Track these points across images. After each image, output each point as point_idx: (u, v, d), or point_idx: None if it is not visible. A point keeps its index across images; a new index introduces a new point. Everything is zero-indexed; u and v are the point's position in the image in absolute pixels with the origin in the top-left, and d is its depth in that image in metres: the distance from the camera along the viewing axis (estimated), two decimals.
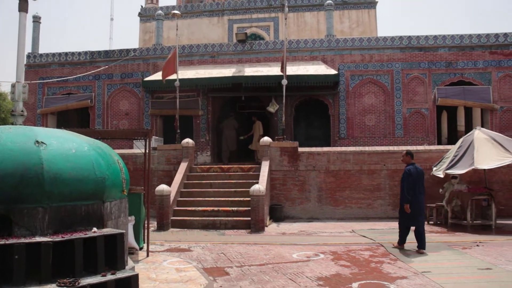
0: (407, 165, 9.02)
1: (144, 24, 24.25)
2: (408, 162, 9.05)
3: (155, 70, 18.97)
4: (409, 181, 8.69)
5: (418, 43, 17.78)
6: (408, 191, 8.61)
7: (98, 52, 19.80)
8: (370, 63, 17.94)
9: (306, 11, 22.54)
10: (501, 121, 17.16)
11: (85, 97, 19.42)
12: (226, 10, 22.88)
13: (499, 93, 17.22)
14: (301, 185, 14.28)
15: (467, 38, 17.60)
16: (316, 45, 18.38)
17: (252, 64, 18.43)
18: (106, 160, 5.50)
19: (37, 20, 20.18)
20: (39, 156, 4.71)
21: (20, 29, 5.11)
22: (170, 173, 14.82)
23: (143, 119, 18.97)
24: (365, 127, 17.78)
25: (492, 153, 11.29)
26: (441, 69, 17.57)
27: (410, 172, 8.76)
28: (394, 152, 14.25)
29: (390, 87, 17.71)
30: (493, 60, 17.41)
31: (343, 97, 17.85)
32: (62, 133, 5.53)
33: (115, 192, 5.61)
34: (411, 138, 17.38)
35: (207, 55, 19.04)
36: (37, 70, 19.98)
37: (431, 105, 17.49)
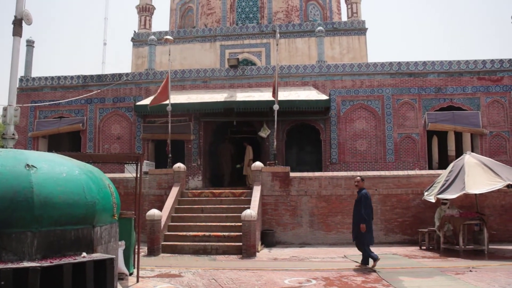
0: (360, 189, 9.96)
1: (137, 49, 24.40)
2: (362, 187, 10.02)
3: (147, 94, 19.01)
4: (368, 204, 9.68)
5: (407, 69, 18.04)
6: (367, 212, 9.52)
7: (90, 76, 19.85)
8: (361, 88, 18.12)
9: (297, 37, 22.83)
10: (491, 146, 17.31)
11: (77, 120, 19.35)
12: (218, 36, 23.12)
13: (488, 118, 17.43)
14: (292, 210, 14.21)
15: (455, 64, 17.90)
16: (307, 70, 18.57)
17: (244, 89, 18.54)
18: (97, 184, 5.45)
19: (30, 44, 20.26)
20: (29, 179, 4.66)
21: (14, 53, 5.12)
22: (161, 197, 14.71)
23: (135, 143, 18.91)
24: (356, 152, 17.84)
25: (483, 177, 11.36)
26: (431, 94, 17.79)
27: (368, 196, 9.81)
28: (386, 177, 14.29)
29: (380, 112, 17.87)
30: (481, 85, 17.67)
31: (334, 122, 17.95)
32: (53, 157, 5.50)
33: (105, 217, 5.55)
34: (402, 163, 17.45)
35: (199, 80, 19.14)
36: (29, 94, 19.94)
37: (422, 130, 17.64)
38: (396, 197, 14.09)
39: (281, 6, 24.21)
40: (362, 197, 9.66)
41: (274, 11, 24.10)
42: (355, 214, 9.82)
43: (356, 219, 9.77)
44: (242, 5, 24.63)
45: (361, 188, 9.95)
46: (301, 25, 23.02)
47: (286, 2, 24.25)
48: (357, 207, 9.79)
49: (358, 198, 9.83)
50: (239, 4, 24.67)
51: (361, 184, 10.05)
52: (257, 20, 24.26)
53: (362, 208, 9.54)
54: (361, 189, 9.92)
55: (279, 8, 24.18)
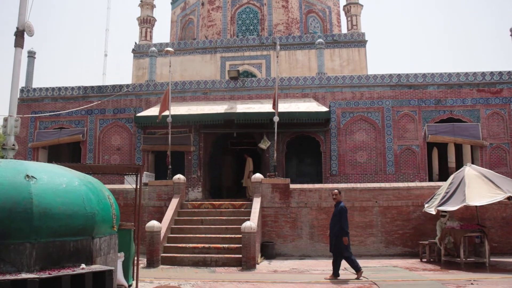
0: (338, 202, 10.06)
1: (137, 60, 24.51)
2: (339, 200, 10.09)
3: (148, 106, 19.06)
4: (346, 216, 9.80)
5: (407, 81, 18.10)
6: (346, 225, 9.67)
7: (91, 87, 19.91)
8: (361, 100, 18.16)
9: (297, 49, 22.93)
10: (491, 158, 17.30)
11: (77, 131, 19.38)
12: (218, 48, 23.23)
13: (488, 130, 17.45)
14: (292, 222, 14.16)
15: (455, 76, 17.96)
16: (307, 82, 18.63)
17: (244, 101, 18.58)
18: (96, 195, 5.43)
19: (32, 55, 20.36)
20: (29, 190, 4.64)
21: (15, 64, 5.13)
22: (161, 209, 14.66)
23: (135, 154, 18.91)
24: (356, 164, 17.83)
25: (483, 189, 11.34)
26: (431, 106, 17.83)
27: (346, 208, 9.89)
28: (386, 189, 14.26)
29: (380, 124, 17.89)
30: (481, 97, 17.72)
31: (334, 134, 17.96)
32: (53, 168, 5.48)
33: (105, 228, 5.52)
34: (402, 174, 17.43)
35: (199, 91, 19.20)
36: (30, 104, 19.99)
37: (422, 142, 17.65)
38: (397, 209, 14.05)
39: (281, 18, 24.37)
40: (341, 210, 9.79)
41: (275, 23, 24.25)
42: (333, 227, 9.93)
43: (334, 232, 9.88)
44: (243, 17, 24.79)
45: (339, 201, 10.06)
46: (301, 37, 23.13)
47: (286, 14, 24.41)
48: (334, 220, 9.92)
49: (337, 211, 9.93)
50: (240, 16, 24.83)
51: (339, 197, 10.15)
52: (258, 32, 24.39)
53: (342, 221, 9.67)
54: (339, 202, 10.03)
55: (280, 20, 24.33)
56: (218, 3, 24.85)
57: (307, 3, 25.63)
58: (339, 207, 9.86)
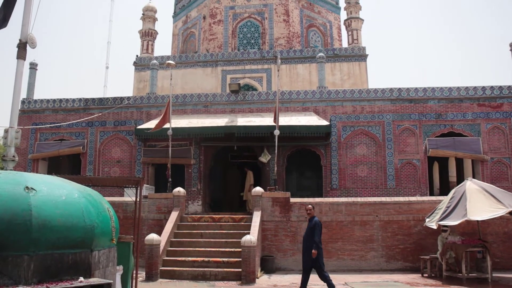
0: (312, 217, 10.11)
1: (138, 73, 24.59)
2: (313, 215, 10.19)
3: (148, 118, 19.08)
4: (320, 231, 9.85)
5: (408, 95, 18.13)
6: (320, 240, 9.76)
7: (92, 99, 19.95)
8: (362, 114, 18.18)
9: (298, 63, 23.02)
10: (492, 172, 17.25)
11: (77, 143, 19.36)
12: (219, 61, 23.31)
13: (489, 144, 17.43)
14: (293, 236, 14.07)
15: (455, 91, 18.00)
16: (308, 96, 18.66)
17: (245, 114, 18.59)
18: (96, 207, 5.40)
19: (33, 67, 20.41)
20: (28, 202, 4.61)
21: (17, 76, 5.12)
22: (160, 222, 14.59)
23: (135, 167, 18.87)
24: (357, 178, 17.78)
25: (485, 204, 11.28)
26: (431, 120, 17.83)
27: (320, 223, 9.99)
28: (387, 203, 14.20)
29: (381, 138, 17.88)
30: (481, 112, 17.73)
31: (335, 148, 17.94)
32: (53, 179, 5.45)
33: (104, 241, 5.47)
34: (403, 189, 17.37)
35: (200, 104, 19.23)
36: (30, 116, 20.00)
37: (422, 156, 17.62)
38: (397, 224, 13.98)
39: (282, 32, 24.50)
40: (316, 224, 9.91)
41: (276, 37, 24.38)
42: (307, 241, 9.98)
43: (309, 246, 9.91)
44: (244, 31, 24.94)
45: (313, 216, 10.16)
46: (302, 51, 23.23)
47: (287, 28, 24.55)
48: (308, 234, 10.00)
49: (311, 225, 10.00)
50: (241, 30, 24.98)
51: (312, 212, 10.27)
52: (259, 46, 24.51)
53: (316, 235, 9.77)
54: (313, 217, 10.13)
55: (281, 34, 24.46)
56: (219, 17, 25.02)
57: (308, 18, 25.80)
58: (313, 221, 9.99)
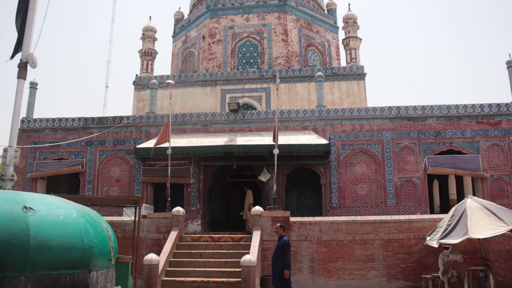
0: (281, 236, 10.19)
1: (138, 92, 24.68)
2: (281, 234, 10.22)
3: (148, 137, 19.08)
4: (289, 250, 9.88)
5: (407, 113, 18.18)
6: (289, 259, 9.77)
7: (91, 119, 19.97)
8: (361, 132, 18.20)
9: (297, 82, 23.13)
10: (492, 190, 17.20)
11: (76, 162, 19.32)
12: (219, 81, 23.43)
13: (488, 162, 17.40)
14: (293, 255, 13.83)
15: (454, 108, 18.05)
16: (307, 115, 18.70)
17: (244, 133, 18.61)
18: (94, 227, 5.37)
19: (34, 86, 20.45)
20: (26, 222, 4.59)
21: (17, 96, 5.12)
22: (159, 241, 14.46)
23: (134, 186, 18.80)
24: (357, 197, 17.71)
25: (486, 222, 11.22)
26: (430, 138, 17.85)
27: (289, 243, 10.07)
28: (387, 222, 14.11)
29: (381, 156, 17.87)
30: (480, 129, 17.75)
31: (334, 167, 17.91)
32: (51, 199, 5.44)
33: (102, 261, 5.43)
34: (403, 207, 17.29)
35: (199, 123, 19.25)
36: (30, 135, 19.97)
37: (422, 174, 17.58)
38: (398, 242, 13.86)
39: (281, 51, 24.68)
40: (284, 243, 9.90)
41: (274, 56, 24.54)
42: (276, 260, 9.98)
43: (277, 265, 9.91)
44: (243, 50, 25.13)
45: (282, 235, 10.15)
46: (301, 70, 23.37)
47: (286, 48, 24.74)
48: (277, 253, 9.98)
49: (280, 245, 10.01)
50: (240, 50, 25.17)
51: (280, 231, 10.27)
52: (258, 65, 24.66)
53: (285, 255, 9.76)
54: (282, 236, 10.12)
55: (279, 53, 24.64)
56: (218, 36, 25.23)
57: (307, 37, 26.02)
58: (282, 241, 9.99)
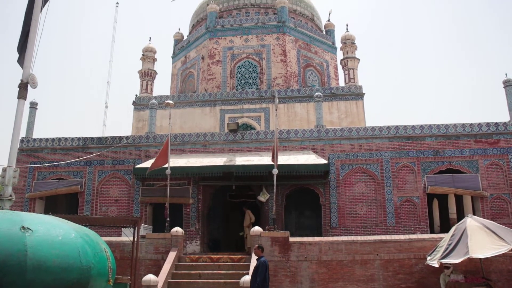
0: (259, 257, 10.32)
1: (137, 112, 24.77)
2: (259, 255, 10.36)
3: (147, 157, 19.08)
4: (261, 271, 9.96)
5: (405, 133, 18.23)
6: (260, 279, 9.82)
7: (91, 138, 19.98)
8: (360, 152, 18.22)
9: (296, 102, 23.24)
10: (492, 209, 17.14)
11: (75, 182, 19.26)
12: (218, 101, 23.54)
13: (488, 181, 17.38)
14: (292, 276, 13.82)
15: (452, 127, 18.10)
16: (306, 135, 18.75)
17: (243, 153, 18.62)
18: (93, 248, 5.33)
19: (34, 106, 20.49)
20: (24, 242, 4.56)
21: (17, 116, 5.14)
22: (158, 262, 14.34)
23: (133, 206, 18.72)
24: (356, 216, 17.64)
25: (486, 241, 11.16)
26: (429, 157, 17.86)
27: (265, 263, 10.17)
28: (387, 242, 14.03)
29: (380, 176, 17.85)
30: (478, 148, 17.77)
31: (333, 186, 17.88)
32: (50, 219, 5.41)
33: (100, 282, 5.38)
34: (403, 226, 17.21)
35: (199, 144, 19.28)
36: (29, 154, 19.94)
37: (422, 193, 17.54)
38: (398, 262, 13.76)
39: (280, 72, 24.86)
40: (260, 264, 10.07)
41: (273, 76, 24.71)
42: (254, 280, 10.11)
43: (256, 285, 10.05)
44: (242, 71, 25.32)
45: (260, 256, 10.28)
46: (300, 91, 23.51)
47: (285, 68, 24.93)
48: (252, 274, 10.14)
49: (256, 265, 10.19)
50: (239, 70, 25.36)
51: (258, 252, 10.41)
52: (257, 86, 24.82)
53: (258, 275, 9.91)
54: (260, 257, 10.25)
55: (278, 74, 24.81)
56: (218, 57, 25.44)
57: (305, 57, 26.26)
58: (258, 261, 10.15)
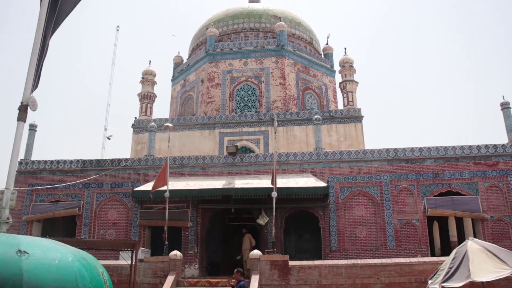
0: (238, 281, 10.50)
1: (137, 135, 24.79)
2: (239, 279, 10.55)
3: (146, 180, 19.03)
4: None
5: (404, 155, 18.23)
6: None
7: (90, 161, 19.96)
8: (359, 175, 18.19)
9: (295, 125, 23.29)
10: (493, 231, 17.02)
11: (73, 205, 19.14)
12: (217, 124, 23.59)
13: (488, 203, 17.30)
14: None
15: (451, 150, 18.11)
16: (305, 158, 18.74)
17: (242, 176, 18.58)
18: (90, 272, 5.25)
19: (33, 128, 20.53)
20: (20, 266, 4.49)
21: (16, 138, 5.09)
22: (156, 286, 14.16)
23: (131, 229, 18.59)
24: (356, 239, 17.50)
25: (488, 264, 11.03)
26: (429, 180, 17.82)
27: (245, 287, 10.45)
28: (387, 265, 13.90)
29: (379, 198, 17.78)
30: (478, 170, 17.75)
31: (333, 209, 17.79)
32: (47, 242, 5.34)
33: None
34: (404, 250, 17.06)
35: (197, 166, 19.25)
36: (27, 177, 19.88)
37: (422, 216, 17.45)
38: (399, 286, 13.60)
39: (279, 95, 25.00)
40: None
41: (272, 100, 24.84)
42: None
43: None
44: (241, 94, 25.46)
45: (239, 280, 10.47)
46: (299, 113, 23.59)
47: (283, 91, 25.08)
48: None
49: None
50: (238, 93, 25.50)
51: (237, 276, 10.58)
52: (256, 109, 24.92)
53: None
54: (239, 281, 10.44)
55: (277, 97, 24.94)
56: (217, 80, 25.62)
57: (304, 81, 26.44)
58: (239, 285, 10.34)
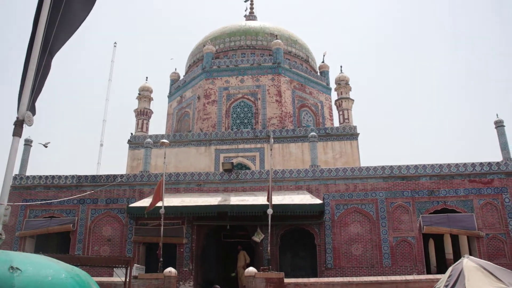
0: None
1: (132, 151, 24.75)
2: None
3: (141, 196, 18.95)
4: None
5: (400, 173, 18.27)
6: None
7: (85, 177, 19.87)
8: (355, 192, 18.19)
9: (291, 142, 23.35)
10: (489, 249, 16.99)
11: (68, 221, 19.00)
12: (213, 140, 23.62)
13: (483, 220, 17.31)
14: None
15: (446, 167, 18.18)
16: (301, 175, 18.75)
17: (238, 193, 18.54)
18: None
19: (28, 143, 20.41)
20: (12, 283, 4.45)
21: (11, 153, 5.09)
22: None
23: (126, 245, 18.44)
24: (352, 257, 17.43)
25: (484, 283, 10.98)
26: (424, 197, 17.85)
27: None
28: (383, 283, 13.82)
29: (375, 215, 17.77)
30: (473, 188, 17.80)
31: (329, 227, 17.75)
32: (40, 259, 5.30)
33: None
34: (399, 267, 16.99)
35: (193, 183, 19.21)
36: (21, 192, 19.72)
37: (417, 233, 17.42)
38: None
39: (275, 112, 25.11)
40: None
41: (268, 117, 24.94)
42: None
43: None
44: (237, 111, 25.55)
45: None
46: (295, 131, 23.66)
47: (280, 108, 25.20)
48: None
49: None
50: (234, 110, 25.60)
51: None
52: (252, 126, 24.99)
53: None
54: None
55: (273, 114, 25.05)
56: (213, 97, 25.73)
57: (300, 98, 26.59)
58: None
